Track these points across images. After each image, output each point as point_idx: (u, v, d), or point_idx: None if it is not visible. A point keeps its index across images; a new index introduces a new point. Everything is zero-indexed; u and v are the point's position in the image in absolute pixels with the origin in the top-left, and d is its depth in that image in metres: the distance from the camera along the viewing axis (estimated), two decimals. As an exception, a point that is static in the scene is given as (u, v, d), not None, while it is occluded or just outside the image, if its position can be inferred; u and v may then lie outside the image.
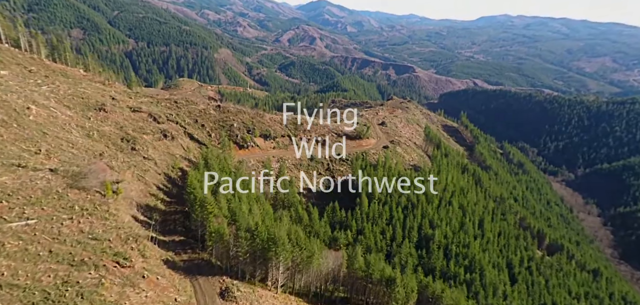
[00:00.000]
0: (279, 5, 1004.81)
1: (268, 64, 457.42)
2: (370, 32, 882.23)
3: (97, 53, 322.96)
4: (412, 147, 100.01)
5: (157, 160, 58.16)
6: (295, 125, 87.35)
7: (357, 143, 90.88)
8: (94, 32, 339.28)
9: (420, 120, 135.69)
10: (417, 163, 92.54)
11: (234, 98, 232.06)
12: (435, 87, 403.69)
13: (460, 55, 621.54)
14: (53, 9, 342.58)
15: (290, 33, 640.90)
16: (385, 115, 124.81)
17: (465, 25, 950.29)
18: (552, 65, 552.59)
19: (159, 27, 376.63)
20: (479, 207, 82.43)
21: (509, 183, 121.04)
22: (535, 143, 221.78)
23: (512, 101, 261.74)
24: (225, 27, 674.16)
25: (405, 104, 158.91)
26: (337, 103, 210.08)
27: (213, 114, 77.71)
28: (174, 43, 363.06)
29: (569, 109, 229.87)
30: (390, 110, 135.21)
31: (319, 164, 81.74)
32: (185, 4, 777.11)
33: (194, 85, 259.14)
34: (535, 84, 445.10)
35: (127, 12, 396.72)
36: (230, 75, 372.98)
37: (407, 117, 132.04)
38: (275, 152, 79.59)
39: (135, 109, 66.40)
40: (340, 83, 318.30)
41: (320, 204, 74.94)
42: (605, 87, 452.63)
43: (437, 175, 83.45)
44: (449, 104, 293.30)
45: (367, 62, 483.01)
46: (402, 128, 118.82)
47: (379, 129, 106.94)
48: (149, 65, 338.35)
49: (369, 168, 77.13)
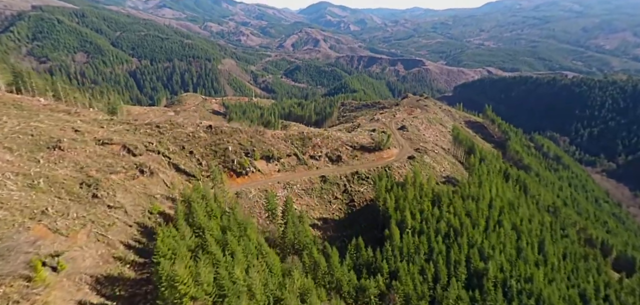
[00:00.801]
0: (280, 11, 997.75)
1: (273, 71, 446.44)
2: (374, 29, 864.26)
3: (101, 75, 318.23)
4: (441, 154, 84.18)
5: (129, 207, 44.61)
6: (303, 141, 72.97)
7: (377, 155, 75.81)
8: (97, 55, 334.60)
9: (443, 120, 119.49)
10: (450, 174, 76.74)
11: (239, 109, 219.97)
12: (448, 79, 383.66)
13: (469, 44, 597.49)
14: (56, 35, 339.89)
15: (293, 37, 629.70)
16: (404, 117, 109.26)
17: (471, 13, 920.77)
18: (568, 46, 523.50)
19: (161, 43, 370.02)
20: (534, 225, 66.19)
21: (553, 184, 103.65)
22: (565, 131, 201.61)
23: (534, 87, 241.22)
24: (228, 38, 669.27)
25: (422, 102, 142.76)
26: (347, 106, 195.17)
27: (204, 137, 64.10)
28: (177, 58, 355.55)
29: (601, 91, 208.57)
30: (408, 110, 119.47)
31: (334, 186, 67.09)
32: (188, 18, 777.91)
33: (198, 100, 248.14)
34: (553, 66, 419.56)
35: (129, 31, 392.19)
36: (235, 85, 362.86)
37: (428, 117, 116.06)
38: (280, 176, 65.38)
39: (104, 142, 53.26)
40: (349, 83, 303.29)
41: (339, 236, 60.38)
42: (629, 64, 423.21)
43: (479, 188, 67.61)
44: (465, 96, 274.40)
45: (374, 59, 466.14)
46: (425, 131, 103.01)
47: (399, 135, 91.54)
48: (153, 83, 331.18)
49: (396, 188, 61.98)
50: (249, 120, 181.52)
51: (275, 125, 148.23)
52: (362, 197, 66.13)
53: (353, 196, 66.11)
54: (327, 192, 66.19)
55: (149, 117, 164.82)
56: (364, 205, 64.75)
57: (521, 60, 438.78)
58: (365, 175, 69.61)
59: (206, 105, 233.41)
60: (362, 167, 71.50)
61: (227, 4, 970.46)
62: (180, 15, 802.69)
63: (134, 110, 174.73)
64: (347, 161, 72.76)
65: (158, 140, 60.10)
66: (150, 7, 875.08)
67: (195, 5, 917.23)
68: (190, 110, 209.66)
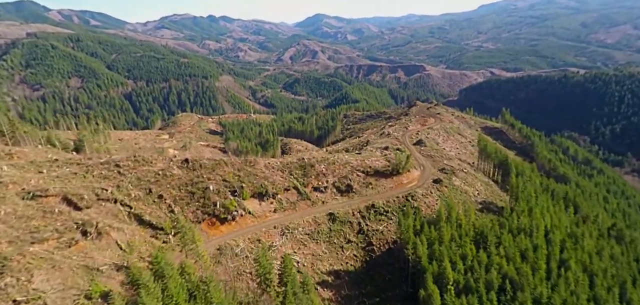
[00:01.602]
0: (277, 26, 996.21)
1: (272, 85, 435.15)
2: (371, 38, 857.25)
3: (95, 99, 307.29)
4: (471, 173, 69.31)
5: (53, 296, 30.11)
6: (304, 169, 58.53)
7: (395, 181, 61.14)
8: (91, 79, 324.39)
9: (461, 129, 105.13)
10: (486, 198, 61.81)
11: (237, 127, 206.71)
12: (450, 82, 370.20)
13: (468, 47, 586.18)
14: (50, 61, 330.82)
15: (291, 50, 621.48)
16: (417, 129, 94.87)
17: (467, 16, 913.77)
18: (569, 42, 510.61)
19: (157, 63, 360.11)
20: (605, 261, 50.90)
21: (597, 194, 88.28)
22: (584, 130, 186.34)
23: (545, 86, 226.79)
24: (227, 55, 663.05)
25: (433, 110, 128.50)
26: (350, 117, 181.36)
27: (178, 176, 49.87)
28: (173, 77, 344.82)
29: (618, 85, 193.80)
30: (421, 120, 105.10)
31: (346, 226, 52.33)
32: (187, 38, 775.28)
33: (194, 120, 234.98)
34: (556, 64, 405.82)
35: (124, 53, 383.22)
36: (233, 102, 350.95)
37: (444, 127, 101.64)
38: (277, 219, 50.79)
39: (35, 195, 39.09)
40: (350, 93, 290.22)
41: (357, 296, 45.46)
42: (634, 57, 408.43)
43: (529, 217, 52.63)
44: (472, 99, 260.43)
45: (374, 67, 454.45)
46: (444, 144, 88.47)
47: (416, 151, 76.97)
48: (149, 104, 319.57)
49: (428, 228, 47.08)
50: (246, 138, 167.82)
51: (275, 143, 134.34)
52: (382, 239, 51.25)
53: (370, 237, 51.26)
54: (338, 234, 51.41)
55: (139, 142, 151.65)
56: (385, 250, 49.85)
57: (523, 60, 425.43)
58: (384, 208, 54.86)
59: (202, 125, 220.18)
60: (378, 197, 56.82)
61: (224, 22, 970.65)
62: (178, 35, 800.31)
63: (125, 135, 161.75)
64: (359, 191, 58.10)
65: (116, 184, 45.82)
66: (149, 29, 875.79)
67: (193, 24, 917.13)
68: (186, 131, 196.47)
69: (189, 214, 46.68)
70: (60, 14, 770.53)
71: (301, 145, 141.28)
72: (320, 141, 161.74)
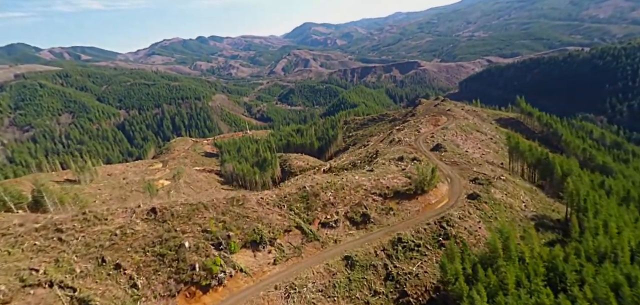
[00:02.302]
0: (266, 39, 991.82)
1: (267, 98, 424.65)
2: (360, 40, 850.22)
3: (87, 134, 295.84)
4: (510, 180, 56.69)
5: None
6: (307, 201, 46.05)
7: (421, 202, 48.60)
8: (82, 113, 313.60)
9: (478, 126, 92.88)
10: (537, 210, 49.13)
11: (233, 147, 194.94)
12: (448, 75, 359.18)
13: (460, 38, 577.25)
14: (39, 100, 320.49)
15: (283, 62, 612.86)
16: (431, 132, 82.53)
17: (454, 8, 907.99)
18: (561, 22, 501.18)
19: (147, 90, 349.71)
20: None
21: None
22: (599, 110, 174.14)
23: (549, 68, 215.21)
24: (219, 73, 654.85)
25: (442, 106, 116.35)
26: (351, 124, 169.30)
27: (142, 233, 37.47)
28: (165, 102, 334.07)
29: (629, 58, 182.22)
30: (433, 120, 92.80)
31: (369, 271, 39.69)
32: (178, 61, 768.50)
33: (188, 144, 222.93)
34: (552, 44, 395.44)
35: (114, 84, 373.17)
36: (229, 120, 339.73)
37: (460, 125, 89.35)
38: (277, 274, 38.19)
39: None
40: (347, 98, 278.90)
41: None
42: (631, 28, 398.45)
43: (605, 235, 39.98)
44: (473, 89, 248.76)
45: (367, 69, 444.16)
46: (465, 145, 76.10)
47: (436, 158, 64.57)
48: (143, 132, 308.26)
49: (482, 271, 34.34)
50: (243, 158, 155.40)
51: (273, 162, 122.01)
52: (418, 285, 38.46)
53: (403, 285, 38.49)
54: (359, 284, 38.71)
55: (128, 176, 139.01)
56: (426, 302, 37.07)
57: (518, 44, 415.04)
58: (414, 241, 42.21)
59: (197, 149, 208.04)
60: (404, 226, 44.23)
61: (214, 41, 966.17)
62: (169, 60, 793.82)
63: (115, 169, 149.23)
64: (378, 220, 45.52)
65: (55, 258, 33.25)
66: (140, 57, 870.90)
67: (183, 47, 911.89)
68: (180, 157, 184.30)
69: (159, 287, 34.05)
70: (51, 53, 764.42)
71: (302, 160, 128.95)
72: (322, 153, 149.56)
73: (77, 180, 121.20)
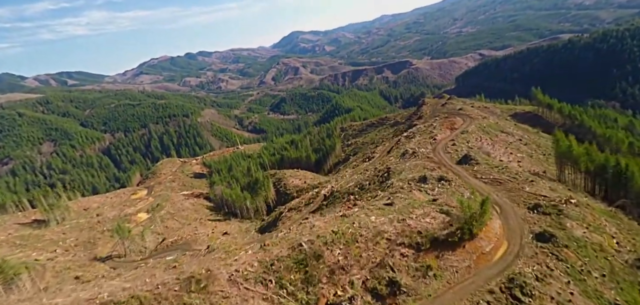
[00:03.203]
0: (255, 50, 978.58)
1: (258, 109, 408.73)
2: (349, 45, 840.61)
3: (70, 162, 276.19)
4: (582, 203, 41.37)
5: None
6: (304, 267, 30.37)
7: (469, 251, 33.21)
8: (64, 140, 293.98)
9: (503, 126, 78.27)
10: (638, 249, 34.04)
11: (224, 165, 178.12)
12: (441, 72, 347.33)
13: (448, 35, 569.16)
14: (18, 131, 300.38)
15: (272, 71, 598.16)
16: (450, 138, 67.51)
17: (439, 6, 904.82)
18: (548, 11, 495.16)
19: (133, 110, 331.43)
20: None
21: None
22: (609, 95, 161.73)
23: (550, 56, 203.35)
24: (209, 88, 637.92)
25: (451, 105, 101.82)
26: (348, 131, 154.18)
27: None
28: (152, 122, 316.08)
29: (635, 40, 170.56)
30: (447, 123, 77.79)
31: None
32: (166, 79, 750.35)
33: (176, 165, 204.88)
34: (543, 34, 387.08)
35: (99, 107, 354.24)
36: (220, 135, 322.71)
37: (481, 126, 74.69)
38: None
39: None
40: (340, 103, 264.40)
41: None
42: (618, 13, 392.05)
43: None
44: (471, 84, 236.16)
45: (359, 72, 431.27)
46: (494, 151, 61.11)
47: (469, 175, 49.24)
48: (130, 155, 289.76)
49: None
50: (234, 179, 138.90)
51: (265, 183, 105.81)
52: None
53: None
54: None
55: (104, 211, 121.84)
56: None
57: (508, 36, 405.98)
58: (477, 323, 26.67)
59: (186, 170, 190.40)
60: (455, 299, 28.66)
61: (202, 57, 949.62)
62: (157, 78, 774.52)
63: (92, 202, 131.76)
64: (413, 289, 29.99)
65: None
66: (128, 78, 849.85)
67: (172, 65, 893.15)
68: (167, 181, 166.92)
69: None
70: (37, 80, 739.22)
71: (298, 177, 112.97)
72: (319, 166, 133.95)
73: (45, 220, 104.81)
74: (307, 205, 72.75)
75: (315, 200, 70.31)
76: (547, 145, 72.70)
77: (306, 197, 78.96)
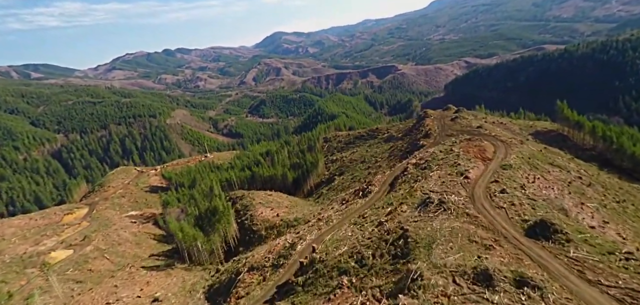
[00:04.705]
0: (237, 50, 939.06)
1: (236, 111, 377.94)
2: (332, 47, 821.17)
3: (11, 167, 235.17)
4: None
5: None
6: None
7: None
8: (7, 141, 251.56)
9: (551, 157, 56.81)
10: None
11: (187, 178, 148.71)
12: (427, 79, 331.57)
13: (431, 41, 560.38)
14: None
15: (253, 71, 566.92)
16: (492, 177, 44.51)
17: (422, 13, 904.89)
18: (528, 22, 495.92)
19: (92, 109, 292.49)
20: None
21: None
22: (612, 110, 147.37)
23: (546, 65, 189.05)
24: (186, 86, 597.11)
25: (464, 119, 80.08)
26: (332, 142, 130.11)
27: None
28: (113, 122, 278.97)
29: (636, 52, 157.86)
30: (472, 149, 55.18)
31: None
32: (141, 76, 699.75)
33: (130, 175, 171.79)
34: (526, 43, 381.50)
35: (54, 104, 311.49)
36: (191, 138, 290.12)
37: (522, 155, 52.56)
38: None
39: None
40: (323, 108, 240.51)
41: None
42: (596, 26, 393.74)
43: None
44: (462, 93, 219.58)
45: (343, 75, 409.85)
46: (567, 203, 38.72)
47: (566, 270, 25.98)
48: (85, 160, 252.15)
49: None
50: (192, 201, 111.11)
51: (226, 217, 79.22)
52: None
53: None
54: None
55: (12, 245, 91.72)
56: None
57: (492, 45, 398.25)
58: None
59: (141, 182, 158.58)
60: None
61: (181, 54, 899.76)
62: (131, 74, 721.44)
63: (10, 226, 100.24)
64: None
65: None
66: (100, 73, 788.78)
67: (148, 61, 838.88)
68: (115, 196, 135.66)
69: None
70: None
71: (270, 205, 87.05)
72: (298, 186, 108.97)
73: None
74: (275, 267, 48.16)
75: (287, 264, 45.67)
76: (612, 184, 52.01)
77: (276, 249, 54.09)
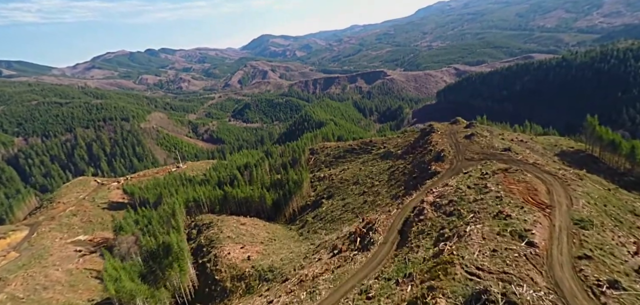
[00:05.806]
0: (223, 51, 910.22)
1: (218, 115, 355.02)
2: (320, 52, 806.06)
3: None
4: None
5: None
6: None
7: None
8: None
9: (627, 202, 41.71)
10: None
11: (152, 193, 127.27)
12: (416, 85, 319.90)
13: (419, 48, 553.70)
14: None
15: (239, 74, 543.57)
16: (573, 242, 27.99)
17: (409, 20, 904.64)
18: (513, 31, 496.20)
19: (57, 110, 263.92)
20: None
21: None
22: (616, 122, 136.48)
23: (543, 74, 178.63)
24: (168, 88, 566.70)
25: (483, 138, 64.50)
26: (320, 156, 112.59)
27: None
28: (81, 126, 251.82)
29: (638, 62, 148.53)
30: (518, 188, 39.38)
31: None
32: (121, 75, 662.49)
33: (88, 188, 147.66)
34: (513, 52, 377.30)
35: (15, 103, 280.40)
36: (167, 144, 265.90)
37: (593, 200, 36.68)
38: None
39: None
40: (311, 114, 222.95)
41: None
42: (579, 37, 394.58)
43: None
44: (454, 101, 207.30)
45: (331, 80, 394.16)
46: None
47: None
48: (46, 167, 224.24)
49: None
50: (150, 228, 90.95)
51: (180, 261, 59.92)
52: None
53: None
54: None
55: None
56: None
57: (480, 52, 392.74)
58: None
59: (100, 196, 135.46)
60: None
61: (165, 54, 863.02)
62: (111, 74, 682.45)
63: None
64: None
65: None
66: (79, 72, 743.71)
67: (130, 61, 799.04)
68: (66, 215, 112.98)
69: None
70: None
71: (240, 242, 68.14)
72: (278, 209, 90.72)
73: None
74: None
75: None
76: None
77: None
